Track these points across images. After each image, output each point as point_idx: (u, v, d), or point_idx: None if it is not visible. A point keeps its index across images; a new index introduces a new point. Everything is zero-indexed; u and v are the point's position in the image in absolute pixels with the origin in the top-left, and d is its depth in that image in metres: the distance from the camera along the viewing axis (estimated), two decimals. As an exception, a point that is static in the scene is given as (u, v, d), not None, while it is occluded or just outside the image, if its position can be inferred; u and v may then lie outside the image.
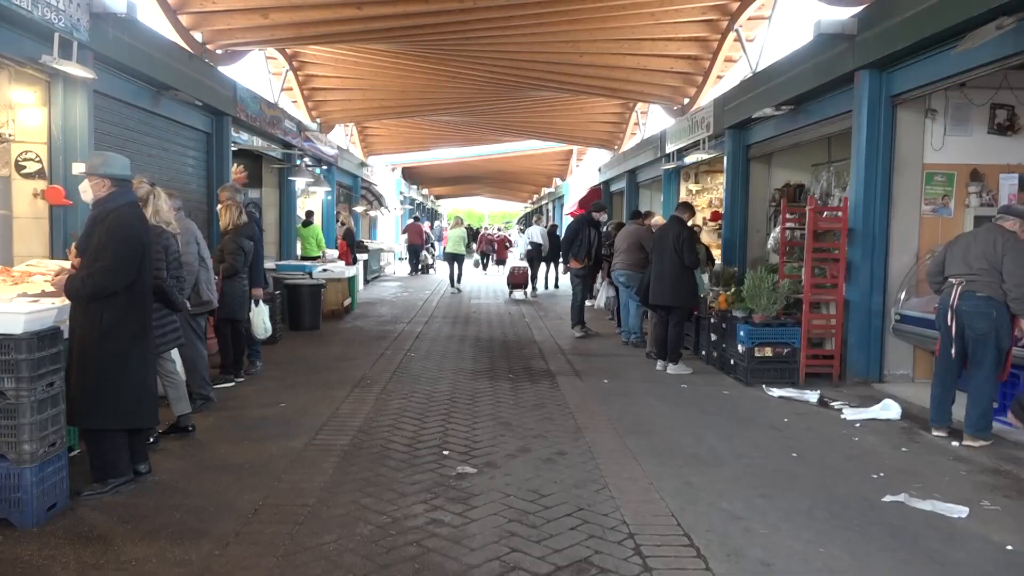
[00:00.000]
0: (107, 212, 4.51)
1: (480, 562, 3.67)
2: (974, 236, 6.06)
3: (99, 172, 4.59)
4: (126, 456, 4.66)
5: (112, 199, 4.57)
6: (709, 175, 15.78)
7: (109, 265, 4.39)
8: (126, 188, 4.71)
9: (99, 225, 4.49)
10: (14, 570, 3.49)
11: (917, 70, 7.27)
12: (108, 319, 4.44)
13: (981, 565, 3.75)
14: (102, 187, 4.59)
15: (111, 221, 4.47)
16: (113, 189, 4.60)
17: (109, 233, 4.43)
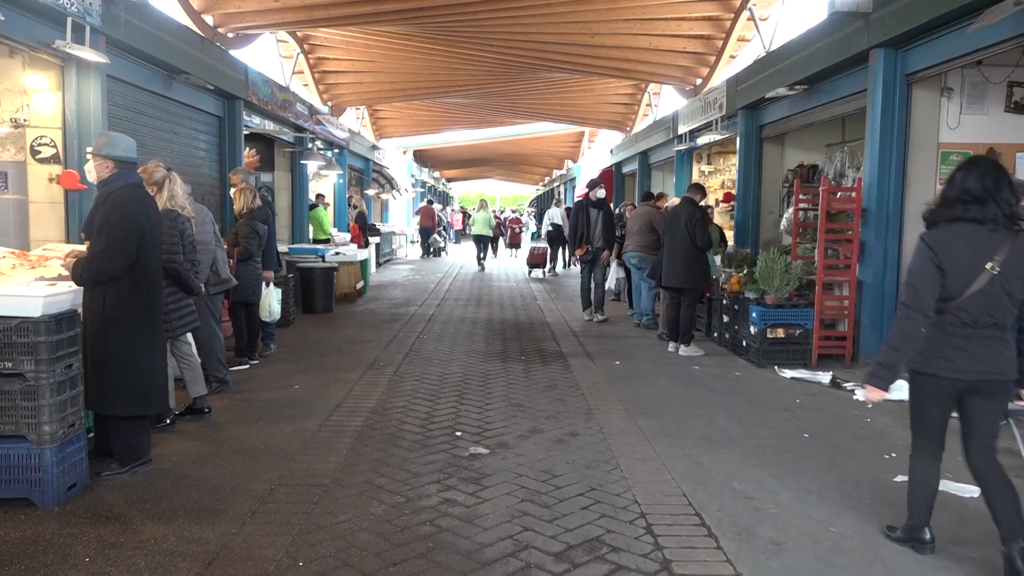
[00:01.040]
0: (107, 194, 4.50)
1: (492, 541, 3.72)
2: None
3: (101, 153, 4.57)
4: (147, 439, 4.73)
5: (114, 180, 4.55)
6: (722, 156, 15.68)
7: (105, 249, 4.37)
8: (129, 170, 4.67)
9: (101, 207, 4.49)
10: (36, 548, 3.56)
11: (933, 48, 7.18)
12: (111, 303, 4.44)
13: (990, 545, 3.74)
14: (105, 168, 4.58)
15: (110, 203, 4.46)
16: (116, 170, 4.57)
17: (107, 216, 4.42)
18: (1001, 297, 3.37)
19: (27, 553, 3.51)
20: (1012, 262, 3.34)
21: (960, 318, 3.43)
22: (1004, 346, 3.46)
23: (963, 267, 3.38)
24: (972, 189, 3.40)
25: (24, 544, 3.61)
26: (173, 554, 3.52)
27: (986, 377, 3.45)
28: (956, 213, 3.43)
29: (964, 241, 3.40)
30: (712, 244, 9.17)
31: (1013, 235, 3.36)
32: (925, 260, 3.44)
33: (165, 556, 3.50)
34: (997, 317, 3.41)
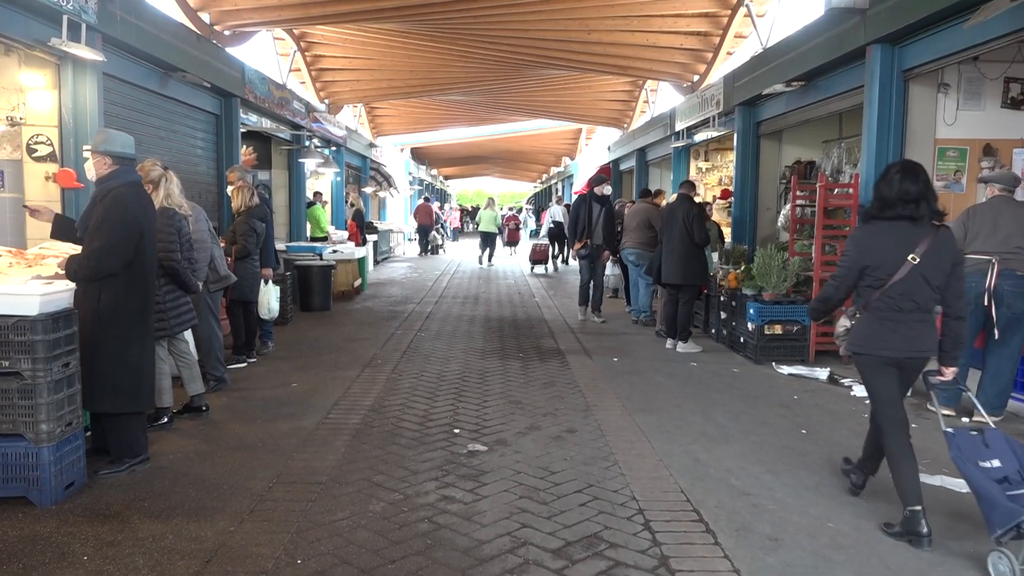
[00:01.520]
0: (106, 191, 4.49)
1: (491, 538, 3.72)
2: (998, 212, 5.91)
3: (99, 150, 4.57)
4: (143, 436, 4.72)
5: (112, 178, 4.55)
6: (719, 153, 15.68)
7: (105, 245, 4.36)
8: (128, 167, 4.66)
9: (98, 204, 4.48)
10: (34, 547, 3.56)
11: (929, 44, 7.18)
12: (106, 300, 4.44)
13: (987, 541, 3.76)
14: (103, 165, 4.58)
15: (108, 201, 4.45)
16: (114, 167, 4.57)
17: (106, 213, 4.42)
18: (921, 284, 3.82)
19: (25, 552, 3.51)
20: (932, 253, 3.80)
21: (888, 304, 3.88)
22: (929, 328, 3.93)
23: (889, 257, 3.85)
24: (910, 191, 3.85)
25: (22, 543, 3.60)
26: (171, 552, 3.52)
27: (913, 355, 3.94)
28: (897, 212, 3.87)
29: (891, 235, 3.88)
30: (710, 240, 9.17)
31: (934, 229, 3.84)
32: (851, 259, 3.99)
33: (163, 554, 3.50)
34: (920, 302, 3.85)
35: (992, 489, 3.45)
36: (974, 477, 3.57)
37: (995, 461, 3.57)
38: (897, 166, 4.05)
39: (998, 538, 3.37)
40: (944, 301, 3.92)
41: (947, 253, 3.86)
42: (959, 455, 3.69)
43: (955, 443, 3.76)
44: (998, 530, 3.35)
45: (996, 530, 3.36)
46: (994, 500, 3.41)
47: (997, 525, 3.36)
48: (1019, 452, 3.59)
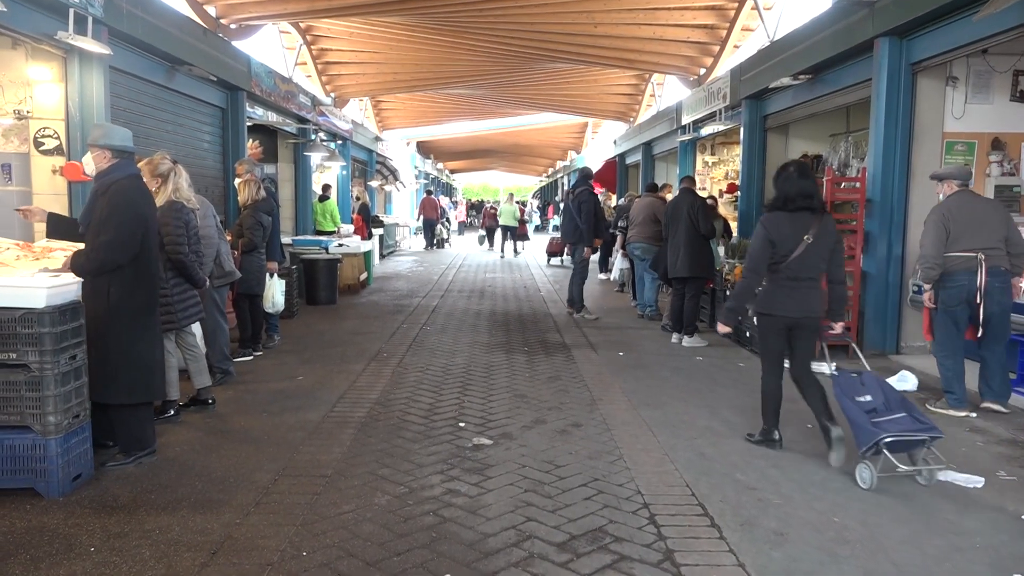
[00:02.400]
0: (108, 185, 4.50)
1: (496, 531, 3.73)
2: (972, 208, 5.91)
3: (99, 143, 4.57)
4: (151, 428, 4.75)
5: (113, 171, 4.56)
6: (725, 147, 15.64)
7: (112, 239, 4.38)
8: (128, 160, 4.67)
9: (100, 198, 4.48)
10: (41, 538, 3.58)
11: (938, 37, 7.14)
12: (115, 293, 4.46)
13: (995, 535, 3.76)
14: (103, 159, 4.58)
15: (112, 194, 4.46)
16: (114, 161, 4.58)
17: (111, 206, 4.42)
18: (814, 259, 4.78)
19: (32, 543, 3.53)
20: (821, 235, 4.76)
21: (787, 275, 4.79)
22: (818, 294, 4.85)
23: (789, 240, 4.76)
24: (808, 188, 4.82)
25: (29, 534, 3.62)
26: (178, 544, 3.53)
27: (806, 315, 4.83)
28: (797, 204, 4.78)
29: (790, 222, 4.79)
30: (716, 232, 9.15)
31: (820, 216, 4.80)
32: (763, 237, 4.82)
33: (170, 546, 3.51)
34: (812, 273, 4.81)
35: (861, 417, 4.41)
36: (848, 407, 4.52)
37: (867, 396, 4.51)
38: (793, 167, 4.97)
39: (863, 453, 4.36)
40: (828, 271, 4.89)
41: (831, 234, 4.84)
42: (839, 391, 4.61)
43: (837, 382, 4.68)
44: (863, 447, 4.35)
45: (861, 447, 4.36)
46: (862, 425, 4.37)
47: (862, 443, 4.35)
48: (887, 390, 4.55)
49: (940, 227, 5.83)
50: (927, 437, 4.30)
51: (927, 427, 4.32)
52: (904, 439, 4.27)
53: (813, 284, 4.81)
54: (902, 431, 4.26)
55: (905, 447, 4.34)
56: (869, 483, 4.32)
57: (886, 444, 4.25)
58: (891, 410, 4.41)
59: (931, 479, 4.38)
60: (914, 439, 4.29)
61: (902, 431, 4.26)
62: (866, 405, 4.45)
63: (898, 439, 4.25)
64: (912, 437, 4.28)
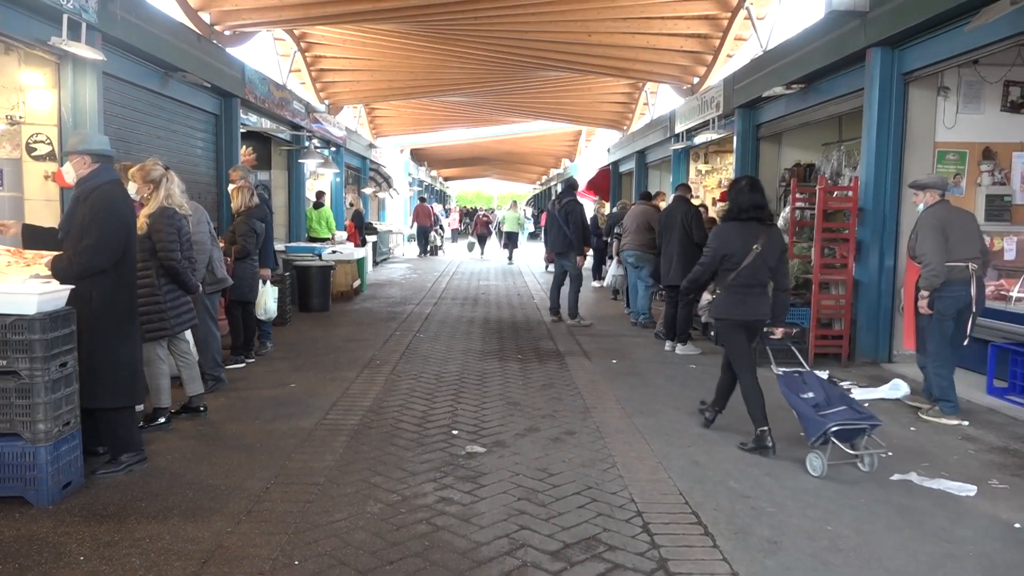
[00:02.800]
0: (90, 190, 4.50)
1: (489, 539, 3.71)
2: (959, 217, 6.01)
3: (79, 149, 4.56)
4: (137, 432, 4.72)
5: (94, 177, 4.55)
6: (719, 155, 15.69)
7: (96, 243, 4.38)
8: (107, 166, 4.67)
9: (81, 204, 4.48)
10: (30, 547, 3.55)
11: (929, 47, 7.19)
12: (98, 298, 4.45)
13: (987, 543, 3.77)
14: (83, 165, 4.58)
15: (94, 199, 4.46)
16: (94, 166, 4.58)
17: (93, 211, 4.42)
18: (762, 267, 5.18)
19: (21, 552, 3.49)
20: (769, 244, 5.17)
21: (739, 282, 5.20)
22: (766, 299, 5.28)
23: (741, 248, 5.18)
24: (758, 200, 5.30)
25: (18, 543, 3.59)
26: (168, 553, 3.51)
27: (757, 318, 5.27)
28: (750, 215, 5.23)
29: (742, 232, 5.22)
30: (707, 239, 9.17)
31: (767, 227, 5.24)
32: (718, 244, 5.31)
33: (160, 555, 3.49)
34: (761, 280, 5.22)
35: (808, 410, 4.81)
36: (796, 403, 4.94)
37: (810, 393, 4.92)
38: (745, 180, 5.45)
39: (812, 443, 4.75)
40: (774, 279, 5.28)
41: (778, 244, 5.28)
42: (785, 389, 5.07)
43: (783, 381, 5.14)
44: (812, 438, 4.74)
45: (811, 438, 4.75)
46: (810, 417, 4.77)
47: (811, 434, 4.75)
48: (827, 388, 4.98)
49: (939, 235, 5.86)
50: (867, 425, 4.72)
51: (867, 416, 4.76)
52: (849, 428, 4.67)
53: (763, 291, 5.28)
54: (846, 420, 4.66)
55: (849, 436, 4.72)
56: (820, 470, 4.68)
57: (833, 433, 4.64)
58: (832, 404, 4.81)
59: (873, 464, 4.77)
60: (857, 427, 4.71)
61: (846, 420, 4.66)
62: (811, 400, 4.87)
63: (843, 428, 4.65)
64: (855, 425, 4.69)
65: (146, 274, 5.28)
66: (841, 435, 4.67)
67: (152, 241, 5.26)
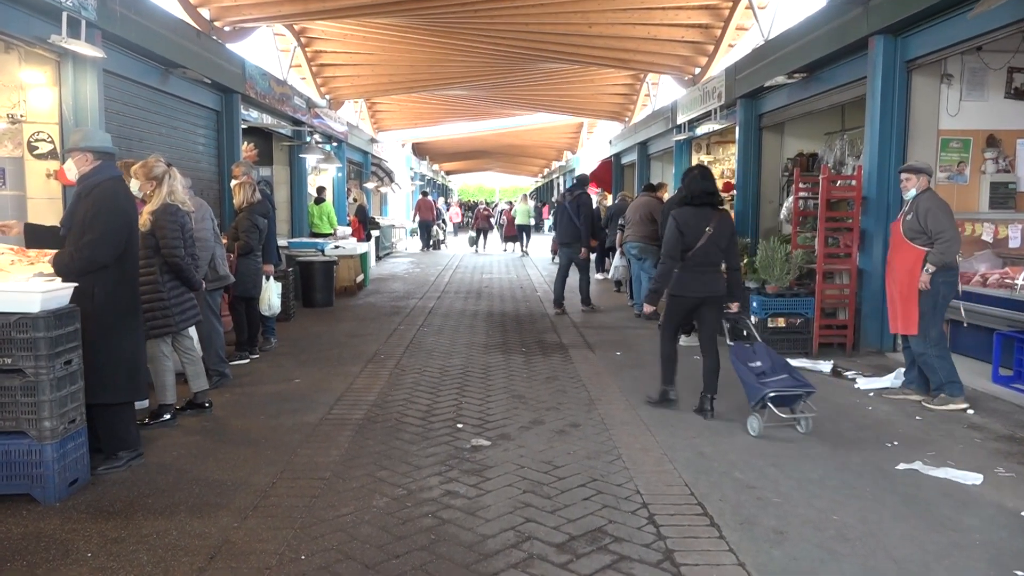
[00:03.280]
0: (91, 186, 4.51)
1: (495, 532, 3.72)
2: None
3: (80, 146, 4.58)
4: (136, 429, 4.75)
5: (96, 173, 4.57)
6: (721, 146, 15.65)
7: (98, 238, 4.39)
8: (109, 162, 4.68)
9: (83, 200, 4.49)
10: (37, 544, 3.56)
11: (932, 34, 7.15)
12: (100, 294, 4.47)
13: (994, 531, 3.76)
14: (85, 162, 4.59)
15: (96, 194, 4.47)
16: (96, 163, 4.59)
17: (96, 206, 4.44)
18: (714, 248, 5.68)
19: (29, 549, 3.51)
20: (719, 227, 5.68)
21: (694, 262, 5.67)
22: (720, 277, 5.79)
23: (695, 231, 5.66)
24: (709, 187, 5.84)
25: (26, 540, 3.60)
26: (175, 548, 3.52)
27: (711, 295, 5.76)
28: (701, 200, 5.76)
29: (696, 216, 5.72)
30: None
31: (719, 211, 5.78)
32: (675, 229, 5.71)
33: (167, 550, 3.50)
34: (714, 260, 5.73)
35: (750, 377, 5.35)
36: (741, 371, 5.46)
37: (758, 362, 5.48)
38: (697, 170, 6.06)
39: (752, 406, 5.30)
40: (726, 259, 5.79)
41: (728, 227, 5.77)
42: (735, 358, 5.54)
43: (733, 351, 5.62)
44: (752, 401, 5.30)
45: (751, 401, 5.31)
46: (751, 384, 5.32)
47: (752, 398, 5.30)
48: (773, 357, 5.52)
49: (951, 216, 5.95)
50: (803, 392, 5.25)
51: (803, 384, 5.28)
52: (785, 394, 5.21)
53: (715, 269, 5.77)
54: (784, 387, 5.20)
55: (787, 401, 5.27)
56: (757, 431, 5.26)
57: (770, 398, 5.17)
58: (776, 372, 5.36)
59: (808, 427, 5.32)
60: (793, 394, 5.24)
61: (784, 387, 5.20)
62: (757, 369, 5.42)
63: (779, 394, 5.19)
64: (792, 392, 5.23)
65: (150, 271, 5.29)
66: (778, 400, 5.20)
67: (156, 238, 5.27)
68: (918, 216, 5.94)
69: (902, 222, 6.13)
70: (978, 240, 7.75)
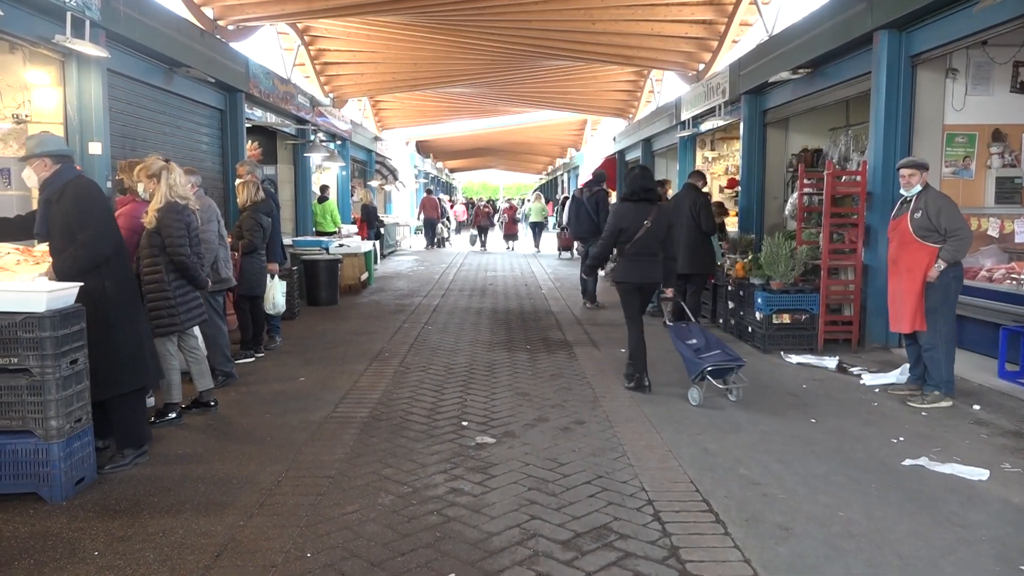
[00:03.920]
0: (60, 189, 4.51)
1: (500, 530, 3.72)
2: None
3: (36, 152, 4.56)
4: (147, 421, 4.86)
5: (59, 176, 4.56)
6: (725, 142, 15.61)
7: (96, 232, 4.46)
8: (68, 164, 4.67)
9: (57, 204, 4.50)
10: (44, 543, 3.57)
11: (937, 29, 7.12)
12: (111, 287, 4.57)
13: (1000, 527, 3.75)
14: (44, 168, 4.58)
15: (72, 194, 4.49)
16: (56, 167, 4.58)
17: (78, 205, 4.47)
18: (652, 239, 6.28)
19: (36, 548, 3.52)
20: (657, 220, 6.28)
21: (633, 251, 6.28)
22: (657, 265, 6.36)
23: (634, 223, 6.27)
24: (648, 185, 6.47)
25: (33, 539, 3.62)
26: (181, 547, 3.53)
27: (649, 281, 6.40)
28: (640, 196, 6.36)
29: (635, 211, 6.33)
30: (716, 228, 9.15)
31: (657, 206, 6.36)
32: (615, 220, 6.39)
33: (173, 549, 3.51)
34: (652, 250, 6.30)
35: (689, 353, 6.04)
36: (681, 348, 6.17)
37: (694, 340, 6.17)
38: (638, 169, 6.64)
39: (693, 379, 5.97)
40: (664, 249, 6.36)
41: (665, 220, 6.37)
42: (674, 336, 6.33)
43: (673, 331, 6.43)
44: (692, 375, 5.97)
45: (691, 375, 5.99)
46: (690, 359, 6.01)
47: (692, 372, 5.99)
48: (707, 336, 6.22)
49: (964, 218, 5.94)
50: (735, 365, 5.97)
51: (735, 358, 6.00)
52: (720, 367, 5.89)
53: (653, 258, 6.32)
54: (719, 361, 5.88)
55: (721, 373, 5.97)
56: (697, 400, 5.92)
57: (708, 371, 5.86)
58: (711, 348, 6.02)
59: (739, 396, 6.03)
60: (727, 367, 5.95)
61: (719, 361, 5.88)
62: (693, 346, 6.10)
63: (716, 367, 5.88)
64: (726, 365, 5.93)
65: (155, 269, 5.30)
66: (715, 373, 5.92)
67: (161, 237, 5.27)
68: (928, 214, 5.86)
69: (910, 220, 5.99)
70: (984, 235, 7.72)
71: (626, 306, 6.54)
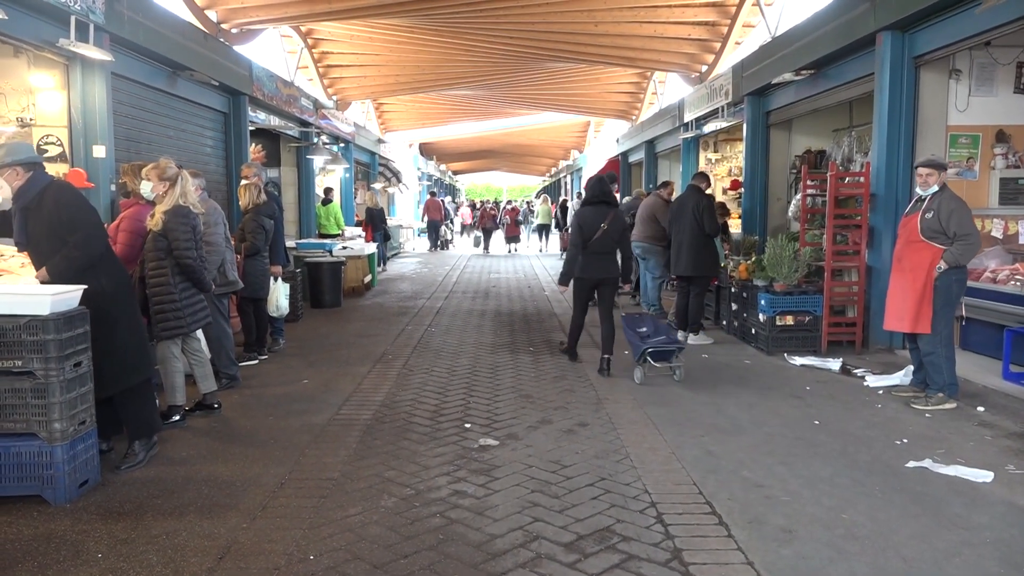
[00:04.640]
0: (38, 196, 4.49)
1: (503, 532, 3.72)
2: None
3: (6, 162, 4.48)
4: (156, 408, 4.93)
5: (33, 184, 4.52)
6: (728, 143, 15.60)
7: (86, 233, 4.50)
8: (40, 171, 4.62)
9: (35, 211, 4.48)
10: (48, 545, 3.58)
11: (940, 30, 7.11)
12: (109, 283, 4.60)
13: (1005, 529, 3.74)
14: (16, 176, 4.52)
15: (52, 199, 4.48)
16: (28, 174, 4.54)
17: (62, 208, 4.47)
18: (609, 240, 7.02)
19: (39, 550, 3.53)
20: (613, 223, 7.00)
21: (592, 250, 7.01)
22: (613, 262, 7.16)
23: (592, 226, 7.00)
24: (605, 190, 7.26)
25: (36, 541, 3.63)
26: (184, 549, 3.53)
27: (606, 277, 7.14)
28: (598, 200, 7.16)
29: (594, 214, 7.08)
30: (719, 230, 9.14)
31: (613, 209, 7.15)
32: (576, 224, 7.12)
33: (176, 551, 3.51)
34: (609, 249, 7.07)
35: (635, 339, 6.81)
36: (628, 335, 6.97)
37: (644, 327, 6.98)
38: (595, 177, 7.54)
39: (636, 361, 6.73)
40: (620, 247, 7.18)
41: (620, 223, 7.13)
42: (626, 325, 7.13)
43: (625, 320, 7.28)
44: (636, 356, 6.73)
45: (636, 356, 6.75)
46: (635, 344, 6.78)
47: (636, 354, 6.75)
48: (657, 324, 7.11)
49: (972, 217, 5.91)
50: (675, 348, 6.74)
51: (675, 342, 6.85)
52: (661, 350, 6.65)
53: (610, 257, 7.11)
54: (659, 345, 6.65)
55: (664, 356, 6.70)
56: (640, 379, 6.68)
57: (649, 353, 6.63)
58: (657, 335, 6.81)
59: (680, 376, 6.74)
60: (667, 350, 6.69)
61: (659, 345, 6.65)
62: (643, 333, 6.87)
63: (656, 350, 6.64)
64: (666, 348, 6.68)
65: (161, 272, 5.32)
66: (656, 355, 6.65)
67: (167, 240, 5.28)
68: (940, 216, 5.78)
69: (920, 220, 5.91)
70: (988, 236, 7.71)
71: (577, 297, 7.36)
